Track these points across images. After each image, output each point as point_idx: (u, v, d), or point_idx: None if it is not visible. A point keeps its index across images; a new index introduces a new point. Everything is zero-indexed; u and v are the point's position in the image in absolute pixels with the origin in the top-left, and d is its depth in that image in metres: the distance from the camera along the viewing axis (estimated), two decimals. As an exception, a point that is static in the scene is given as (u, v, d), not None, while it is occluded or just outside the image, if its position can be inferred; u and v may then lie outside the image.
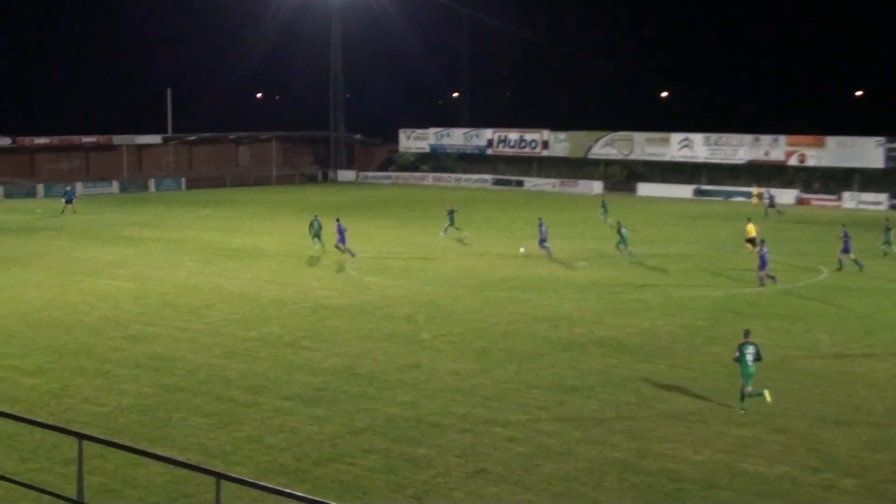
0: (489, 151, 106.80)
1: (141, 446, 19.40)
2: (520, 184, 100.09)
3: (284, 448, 21.03)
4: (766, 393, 24.14)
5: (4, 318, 34.94)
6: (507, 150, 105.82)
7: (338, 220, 51.47)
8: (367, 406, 24.19)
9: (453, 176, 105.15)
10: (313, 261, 48.75)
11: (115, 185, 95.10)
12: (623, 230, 51.04)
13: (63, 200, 74.61)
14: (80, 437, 13.11)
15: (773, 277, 42.19)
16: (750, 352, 24.17)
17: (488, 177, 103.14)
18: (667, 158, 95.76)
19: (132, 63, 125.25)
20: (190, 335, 32.17)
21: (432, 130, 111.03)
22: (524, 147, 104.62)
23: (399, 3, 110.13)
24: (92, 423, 22.44)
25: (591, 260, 49.41)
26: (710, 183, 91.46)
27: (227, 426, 22.48)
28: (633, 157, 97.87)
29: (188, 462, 13.06)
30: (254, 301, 38.17)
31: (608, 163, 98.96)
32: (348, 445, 21.21)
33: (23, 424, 19.11)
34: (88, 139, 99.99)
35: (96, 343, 30.98)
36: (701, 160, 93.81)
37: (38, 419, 19.84)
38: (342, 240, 49.76)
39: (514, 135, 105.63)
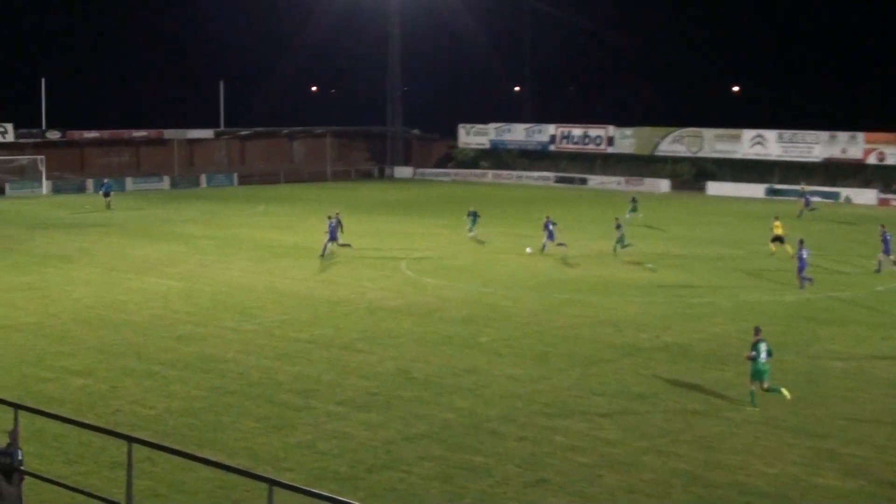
0: (552, 148, 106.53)
1: (190, 450, 19.55)
2: (583, 182, 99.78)
3: (337, 454, 21.10)
4: (785, 390, 24.81)
5: (53, 316, 35.41)
6: (571, 147, 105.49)
7: (330, 218, 51.12)
8: (422, 411, 24.21)
9: (514, 173, 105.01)
10: (368, 260, 48.88)
11: (166, 181, 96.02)
12: (621, 228, 51.84)
13: (101, 194, 76.03)
14: (130, 440, 13.23)
15: (809, 279, 41.83)
16: (763, 349, 24.79)
17: (550, 174, 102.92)
18: (738, 156, 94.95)
19: (184, 55, 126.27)
20: (241, 336, 32.40)
21: (493, 125, 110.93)
22: (588, 143, 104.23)
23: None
24: (140, 425, 22.67)
25: (658, 261, 49.11)
26: (783, 182, 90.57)
27: (279, 431, 22.60)
28: (702, 154, 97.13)
29: (238, 467, 13.13)
30: (307, 301, 38.37)
31: (676, 160, 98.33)
32: (403, 452, 21.24)
33: (70, 426, 19.33)
34: (139, 133, 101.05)
35: (145, 343, 31.31)
36: (774, 158, 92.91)
37: (86, 421, 20.06)
38: (333, 237, 49.79)
39: (577, 130, 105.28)
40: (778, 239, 50.91)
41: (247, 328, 33.62)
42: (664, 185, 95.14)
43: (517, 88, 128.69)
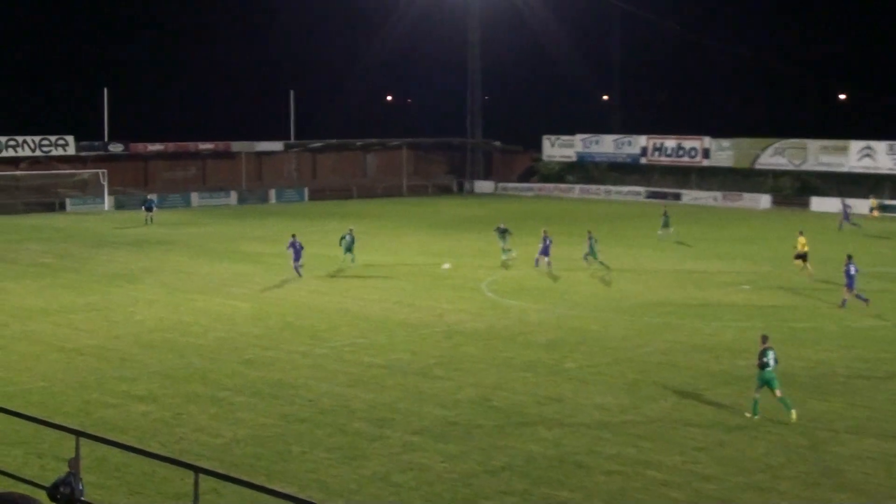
0: (643, 160, 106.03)
1: (258, 481, 19.70)
2: (677, 197, 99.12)
3: (413, 487, 21.15)
4: (794, 412, 25.87)
5: (115, 339, 35.93)
6: (663, 160, 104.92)
7: (293, 237, 51.42)
8: (504, 443, 24.18)
9: (602, 188, 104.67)
10: (446, 281, 48.96)
11: (233, 196, 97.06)
12: (592, 241, 52.62)
13: (143, 209, 77.77)
14: (196, 469, 13.36)
15: (865, 300, 41.29)
16: (772, 356, 26.24)
17: (641, 189, 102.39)
18: (844, 169, 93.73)
19: (253, 64, 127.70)
20: (312, 361, 32.62)
21: (579, 137, 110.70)
22: (682, 156, 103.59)
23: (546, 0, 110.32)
24: (205, 454, 22.89)
25: (757, 282, 48.63)
26: (894, 196, 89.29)
27: (352, 461, 22.70)
28: (805, 167, 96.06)
29: (309, 500, 13.17)
30: (381, 324, 38.53)
31: (777, 174, 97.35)
32: (484, 486, 21.22)
33: (133, 454, 19.57)
34: (205, 146, 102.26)
35: (211, 368, 31.64)
36: (884, 171, 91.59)
37: (150, 449, 20.30)
38: (297, 257, 50.02)
39: (670, 142, 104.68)
40: (801, 256, 50.27)
41: (318, 352, 33.84)
42: (764, 200, 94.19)
43: (605, 97, 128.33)
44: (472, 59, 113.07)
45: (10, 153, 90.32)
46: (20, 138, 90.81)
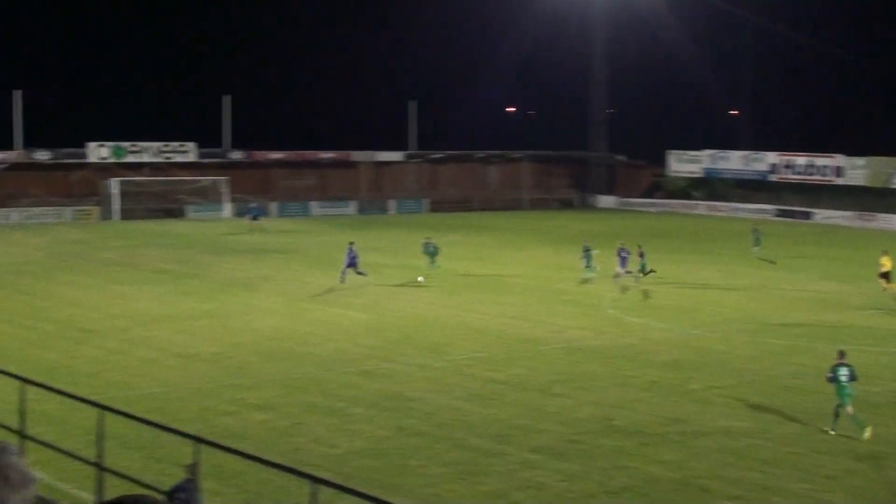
0: (772, 178, 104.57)
1: (375, 494, 19.79)
2: (807, 216, 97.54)
3: (531, 506, 21.09)
4: (868, 430, 25.93)
5: (234, 347, 36.44)
6: (794, 177, 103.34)
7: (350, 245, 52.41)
8: (625, 463, 24.00)
9: (729, 205, 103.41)
10: (566, 296, 48.80)
11: (353, 206, 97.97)
12: (590, 252, 54.49)
13: (249, 218, 79.03)
14: (314, 480, 13.46)
15: None
16: (844, 373, 26.53)
17: (770, 207, 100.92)
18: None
19: (373, 73, 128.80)
20: (429, 374, 32.73)
21: (706, 152, 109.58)
22: (813, 174, 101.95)
23: (671, 8, 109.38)
24: (322, 465, 23.06)
25: (889, 306, 47.57)
26: None
27: (469, 477, 22.71)
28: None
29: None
30: (500, 339, 38.53)
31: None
32: (603, 507, 21.09)
33: (250, 462, 19.78)
34: (326, 155, 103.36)
35: (328, 378, 31.92)
36: None
37: (267, 458, 20.50)
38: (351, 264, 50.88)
39: (801, 159, 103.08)
40: (885, 276, 49.14)
41: (436, 365, 33.94)
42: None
43: (734, 112, 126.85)
44: (597, 70, 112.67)
45: (134, 159, 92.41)
46: (143, 144, 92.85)
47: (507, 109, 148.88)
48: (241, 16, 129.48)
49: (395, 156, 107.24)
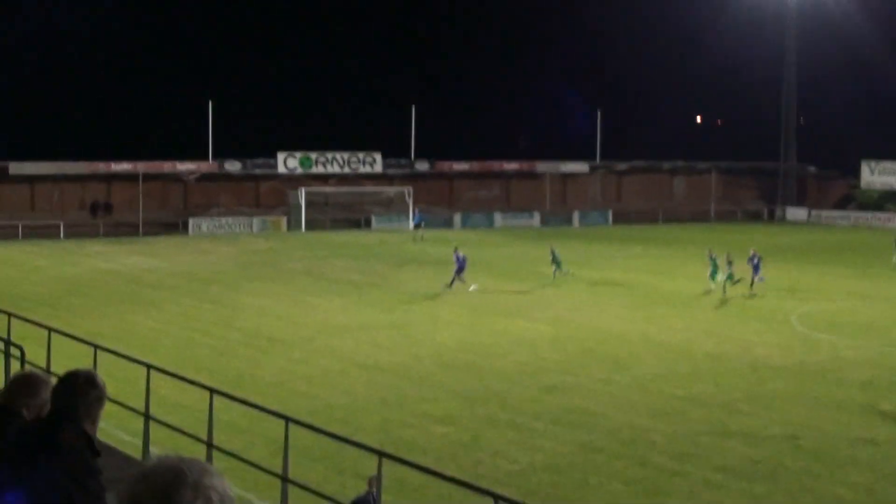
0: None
1: (554, 511, 19.85)
2: None
3: (714, 527, 20.85)
4: None
5: (415, 358, 36.86)
6: None
7: (456, 250, 55.19)
8: (812, 485, 23.56)
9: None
10: (753, 311, 48.04)
11: (536, 217, 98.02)
12: (556, 253, 56.63)
13: (413, 226, 79.36)
14: (495, 497, 13.57)
15: None
16: None
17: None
18: None
19: (558, 82, 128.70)
20: (612, 389, 32.60)
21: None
22: None
23: (869, 12, 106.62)
24: (503, 480, 23.18)
25: None
26: None
27: (650, 496, 22.57)
28: None
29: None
30: (684, 354, 38.14)
31: None
32: (789, 530, 20.72)
33: (431, 476, 20.03)
34: (510, 166, 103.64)
35: (510, 392, 32.04)
36: None
37: (447, 472, 20.74)
38: (460, 269, 53.55)
39: None
40: None
41: (618, 380, 33.78)
42: None
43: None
44: (788, 79, 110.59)
45: (321, 169, 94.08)
46: (330, 154, 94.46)
47: (695, 119, 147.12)
48: (430, 25, 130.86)
49: (579, 167, 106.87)
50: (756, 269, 53.15)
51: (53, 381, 7.87)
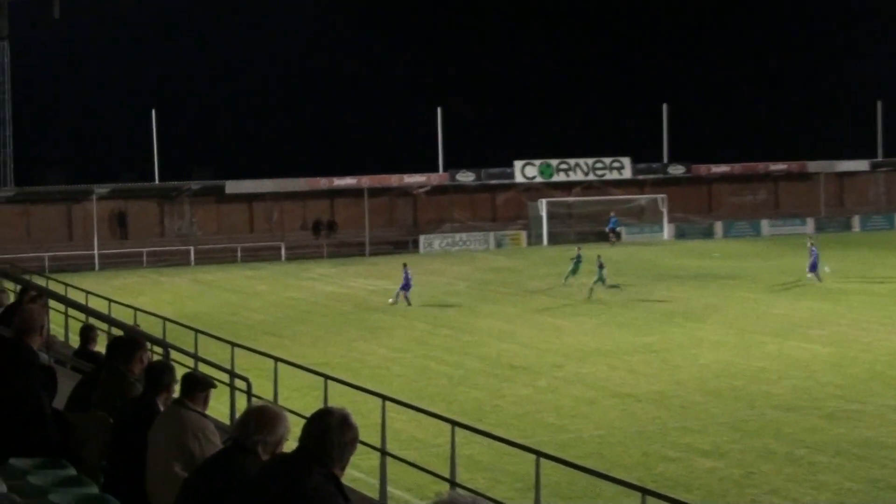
0: None
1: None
2: None
3: None
4: None
5: (677, 384, 36.46)
6: None
7: (405, 266, 57.73)
8: None
9: None
10: None
11: (810, 224, 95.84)
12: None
13: (608, 230, 79.16)
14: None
15: None
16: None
17: None
18: None
19: (832, 72, 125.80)
20: (905, 417, 31.66)
21: None
22: None
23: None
24: (782, 520, 22.70)
25: None
26: None
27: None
28: None
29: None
30: None
31: None
32: None
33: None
34: (777, 166, 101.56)
35: (786, 421, 31.38)
36: None
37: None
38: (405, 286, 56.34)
39: None
40: None
41: (913, 408, 32.78)
42: None
43: None
44: None
45: (562, 177, 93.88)
46: (572, 161, 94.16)
47: None
48: (680, 15, 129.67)
49: (859, 165, 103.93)
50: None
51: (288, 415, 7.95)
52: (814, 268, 59.65)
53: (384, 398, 20.48)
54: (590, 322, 49.69)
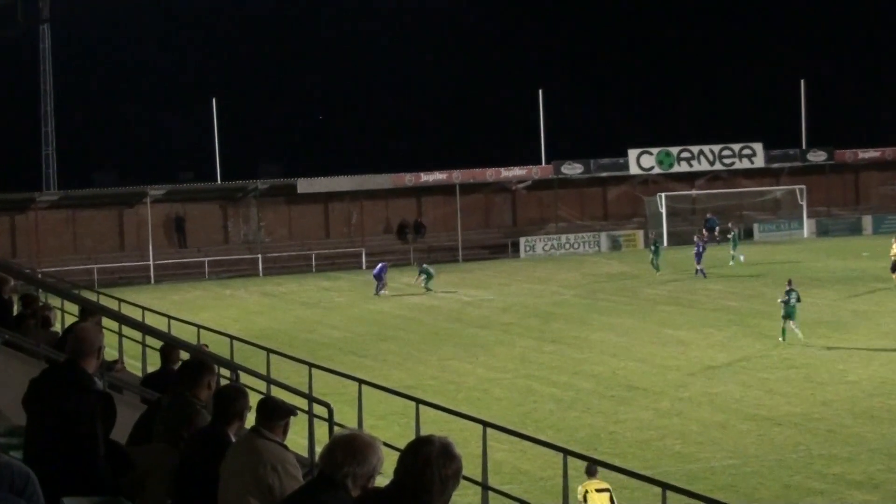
0: None
1: None
2: None
3: None
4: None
5: (821, 405, 36.19)
6: None
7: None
8: None
9: None
10: None
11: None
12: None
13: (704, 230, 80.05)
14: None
15: None
16: (794, 296, 44.63)
17: None
18: None
19: None
20: None
21: None
22: None
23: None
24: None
25: None
26: None
27: None
28: None
29: None
30: None
31: None
32: None
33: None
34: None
35: (952, 446, 31.10)
36: None
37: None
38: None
39: None
40: None
41: None
42: None
43: None
44: None
45: (685, 167, 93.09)
46: (695, 149, 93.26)
47: None
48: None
49: None
50: None
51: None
52: None
53: (485, 424, 20.50)
54: (719, 334, 49.39)
